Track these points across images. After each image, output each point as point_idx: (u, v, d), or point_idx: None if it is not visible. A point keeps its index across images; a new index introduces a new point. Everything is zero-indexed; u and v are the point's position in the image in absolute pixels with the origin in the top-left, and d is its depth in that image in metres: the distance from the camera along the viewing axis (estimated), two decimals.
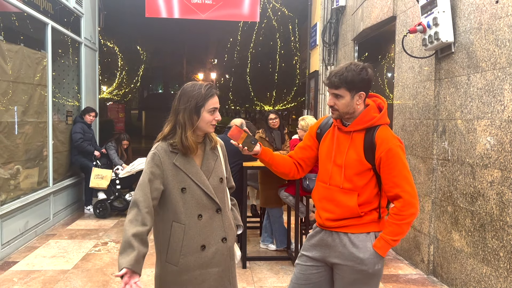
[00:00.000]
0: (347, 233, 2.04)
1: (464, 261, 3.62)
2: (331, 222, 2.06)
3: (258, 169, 4.76)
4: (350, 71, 1.96)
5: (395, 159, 1.96)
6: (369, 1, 5.52)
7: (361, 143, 2.02)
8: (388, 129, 2.05)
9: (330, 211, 2.07)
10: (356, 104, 2.01)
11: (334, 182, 2.07)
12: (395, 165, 1.97)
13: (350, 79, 1.96)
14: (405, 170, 1.98)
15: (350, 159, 2.02)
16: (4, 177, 4.66)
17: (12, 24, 5.33)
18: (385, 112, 2.07)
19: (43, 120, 5.57)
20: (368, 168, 2.01)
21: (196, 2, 7.20)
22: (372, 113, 2.04)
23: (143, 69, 17.40)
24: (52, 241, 5.11)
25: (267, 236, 4.96)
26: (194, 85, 1.99)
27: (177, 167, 1.95)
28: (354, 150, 2.03)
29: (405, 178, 1.97)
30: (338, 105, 2.02)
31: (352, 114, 2.04)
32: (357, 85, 1.97)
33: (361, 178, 2.01)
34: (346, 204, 2.02)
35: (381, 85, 7.09)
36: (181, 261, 1.96)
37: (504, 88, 3.16)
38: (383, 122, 2.05)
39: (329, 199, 2.09)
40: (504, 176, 3.13)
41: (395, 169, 1.97)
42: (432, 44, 3.87)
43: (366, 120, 2.02)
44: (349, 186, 2.02)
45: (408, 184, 1.97)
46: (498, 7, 3.23)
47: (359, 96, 2.00)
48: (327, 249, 2.09)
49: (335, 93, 2.01)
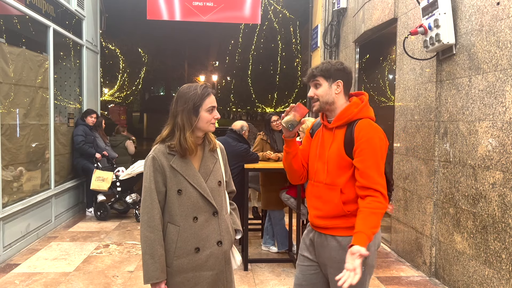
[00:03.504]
0: (335, 236, 2.03)
1: (466, 263, 3.61)
2: (319, 220, 2.07)
3: (259, 171, 4.77)
4: (325, 63, 2.11)
5: (371, 149, 1.93)
6: (370, 3, 5.52)
7: (342, 138, 2.04)
8: (370, 122, 2.02)
9: (318, 208, 2.08)
10: (334, 93, 2.07)
11: (318, 178, 2.09)
12: (369, 155, 1.93)
13: (325, 68, 2.08)
14: (379, 162, 1.94)
15: (332, 155, 2.04)
16: (7, 180, 4.67)
17: (14, 27, 5.35)
18: (365, 105, 2.07)
19: (45, 122, 5.58)
20: (349, 163, 1.99)
21: (197, 5, 7.22)
22: (353, 108, 2.06)
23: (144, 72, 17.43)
24: (54, 244, 5.11)
25: (268, 238, 4.95)
26: (190, 87, 2.00)
27: (174, 169, 1.96)
28: (336, 146, 2.04)
29: (378, 171, 1.93)
30: (318, 93, 2.08)
31: (331, 105, 2.08)
32: (332, 73, 2.07)
33: (343, 174, 2.01)
34: (331, 201, 2.02)
35: (382, 87, 7.09)
36: (174, 262, 1.96)
37: (505, 90, 3.15)
38: (363, 115, 2.04)
39: (316, 196, 2.10)
40: (506, 178, 3.12)
41: (369, 160, 1.93)
42: (433, 46, 3.87)
43: (345, 115, 2.05)
44: (331, 182, 2.03)
45: (381, 178, 1.94)
46: (499, 9, 3.23)
47: (336, 85, 2.07)
48: (317, 250, 2.11)
49: (314, 83, 2.10)
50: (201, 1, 7.23)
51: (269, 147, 5.13)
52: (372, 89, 6.80)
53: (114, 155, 7.11)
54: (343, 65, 2.11)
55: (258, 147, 5.15)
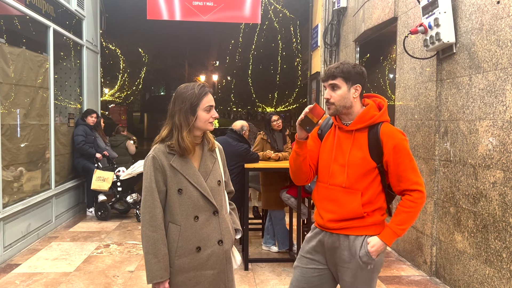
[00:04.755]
0: (348, 236, 2.03)
1: (467, 263, 3.61)
2: (334, 223, 2.05)
3: (259, 170, 4.76)
4: (345, 64, 2.06)
5: (403, 153, 2.00)
6: (370, 2, 5.52)
7: (365, 142, 2.02)
8: (392, 126, 2.07)
9: (333, 211, 2.05)
10: (352, 97, 2.03)
11: (335, 181, 2.06)
12: (403, 159, 2.00)
13: (346, 70, 2.03)
14: (413, 162, 2.03)
15: (354, 158, 2.02)
16: (7, 180, 4.67)
17: (14, 27, 5.35)
18: (385, 110, 2.08)
19: (45, 122, 5.58)
20: (373, 167, 2.01)
21: (198, 4, 7.22)
22: (373, 111, 2.05)
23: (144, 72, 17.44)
24: (54, 244, 5.12)
25: (269, 238, 4.95)
26: (187, 86, 2.00)
27: (174, 168, 1.96)
28: (358, 149, 2.02)
29: (414, 171, 2.03)
30: (335, 97, 2.04)
31: (349, 109, 2.05)
32: (353, 76, 2.03)
33: (365, 177, 2.01)
34: (349, 204, 2.01)
35: (382, 86, 7.09)
36: (176, 262, 1.96)
37: (506, 89, 3.15)
38: (384, 119, 2.06)
39: (331, 200, 2.07)
40: (507, 177, 3.12)
41: (404, 163, 2.00)
42: (433, 45, 3.87)
43: (367, 118, 2.03)
44: (352, 186, 2.02)
45: (417, 176, 2.03)
46: (500, 8, 3.23)
47: (355, 89, 2.04)
48: (327, 251, 2.09)
49: (332, 84, 2.04)
50: (201, 1, 7.22)
51: (269, 146, 5.13)
52: (372, 89, 6.80)
53: (114, 155, 7.12)
54: (363, 69, 2.08)
55: (259, 146, 5.15)
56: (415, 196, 2.00)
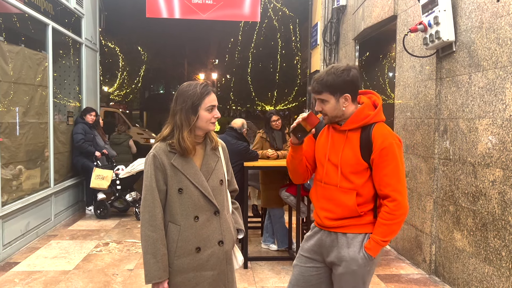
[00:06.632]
0: (346, 234, 2.03)
1: (466, 261, 3.61)
2: (331, 222, 2.05)
3: (259, 169, 4.76)
4: (330, 74, 1.96)
5: (389, 157, 1.94)
6: (370, 1, 5.51)
7: (357, 142, 1.99)
8: (385, 126, 2.02)
9: (329, 210, 2.05)
10: (342, 107, 1.98)
11: (329, 180, 2.05)
12: (388, 163, 1.94)
13: (330, 83, 1.95)
14: (398, 168, 1.95)
15: (346, 158, 2.00)
16: (6, 178, 4.66)
17: (13, 25, 5.34)
18: (380, 109, 2.04)
19: (44, 121, 5.57)
20: (365, 168, 1.98)
21: (197, 2, 7.20)
22: (367, 111, 2.01)
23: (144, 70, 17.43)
24: (54, 242, 5.11)
25: (268, 236, 4.95)
26: (190, 85, 1.97)
27: (175, 167, 1.93)
28: (350, 149, 2.00)
29: (398, 177, 1.95)
30: (325, 110, 2.01)
31: (342, 116, 2.02)
32: (339, 87, 1.95)
33: (358, 177, 1.99)
34: (345, 204, 2.00)
35: (382, 84, 7.09)
36: (175, 262, 1.94)
37: (505, 87, 3.15)
38: (378, 119, 2.01)
39: (327, 198, 2.07)
40: (506, 175, 3.12)
41: (388, 168, 1.94)
42: (433, 43, 3.86)
43: (360, 119, 2.00)
44: (347, 185, 2.00)
45: (400, 184, 1.95)
46: (499, 6, 3.22)
47: (344, 99, 1.98)
48: (326, 249, 2.09)
49: (320, 98, 2.00)
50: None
51: (268, 145, 5.13)
52: (372, 87, 6.79)
53: (114, 153, 7.11)
54: (350, 73, 1.95)
55: (258, 145, 5.15)
56: (392, 208, 1.94)
